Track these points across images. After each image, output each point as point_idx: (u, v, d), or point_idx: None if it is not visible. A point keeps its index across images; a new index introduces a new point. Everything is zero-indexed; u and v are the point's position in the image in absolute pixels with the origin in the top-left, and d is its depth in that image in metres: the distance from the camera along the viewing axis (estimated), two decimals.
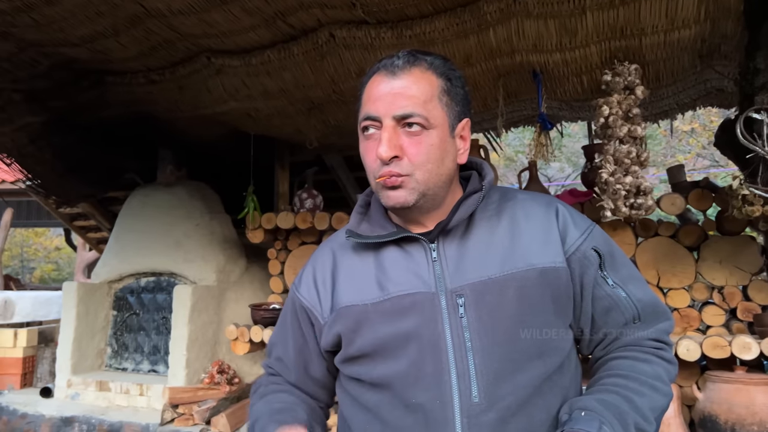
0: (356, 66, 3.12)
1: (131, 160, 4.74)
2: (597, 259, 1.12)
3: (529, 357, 1.04)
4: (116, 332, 4.38)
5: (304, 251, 3.90)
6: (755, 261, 2.99)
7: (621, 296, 1.12)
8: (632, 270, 1.18)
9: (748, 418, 2.55)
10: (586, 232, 1.14)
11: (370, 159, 1.08)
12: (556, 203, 1.18)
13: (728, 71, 2.93)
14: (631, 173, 2.64)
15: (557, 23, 2.68)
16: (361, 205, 1.23)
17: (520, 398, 1.02)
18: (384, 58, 1.11)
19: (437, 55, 1.12)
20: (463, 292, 1.05)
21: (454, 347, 1.03)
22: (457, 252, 1.10)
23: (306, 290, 1.21)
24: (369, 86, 1.09)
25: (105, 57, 3.34)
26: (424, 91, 1.05)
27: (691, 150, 12.19)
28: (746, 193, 2.38)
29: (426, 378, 1.03)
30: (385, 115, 1.04)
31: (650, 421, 1.02)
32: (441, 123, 1.07)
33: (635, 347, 1.13)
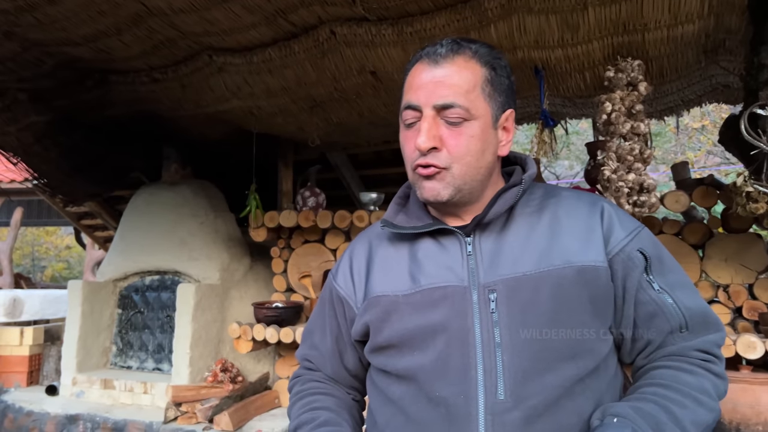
0: (357, 63, 3.11)
1: (137, 158, 4.76)
2: (643, 261, 1.06)
3: (560, 357, 1.00)
4: (121, 330, 4.40)
5: (307, 250, 3.89)
6: (761, 259, 2.95)
7: (667, 302, 1.06)
8: (682, 276, 1.11)
9: (753, 417, 2.52)
10: (633, 233, 1.09)
11: (409, 149, 1.07)
12: (602, 202, 1.13)
13: (733, 67, 2.89)
14: (634, 170, 2.61)
15: (559, 19, 2.65)
16: (400, 196, 1.22)
17: (548, 399, 0.98)
18: (427, 45, 1.10)
19: (482, 43, 1.09)
20: (495, 287, 1.03)
21: (482, 343, 1.01)
22: (494, 246, 1.07)
23: (342, 280, 1.21)
24: (411, 75, 1.08)
25: (108, 56, 3.35)
26: (466, 80, 1.03)
27: (702, 147, 12.08)
28: (750, 190, 2.35)
29: (451, 372, 1.01)
30: (426, 104, 1.03)
31: None
32: (483, 114, 1.05)
33: (680, 357, 1.06)
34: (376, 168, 5.31)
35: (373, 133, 4.16)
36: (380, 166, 5.30)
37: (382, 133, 4.23)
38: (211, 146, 4.64)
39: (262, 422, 3.54)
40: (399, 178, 5.47)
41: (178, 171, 4.56)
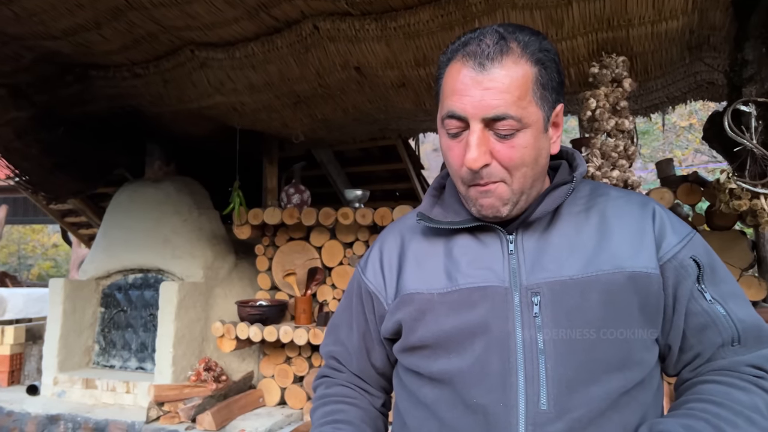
0: (341, 59, 3.08)
1: (120, 155, 4.70)
2: (696, 270, 0.99)
3: (607, 368, 0.94)
4: (104, 329, 4.34)
5: (292, 247, 3.86)
6: (745, 256, 2.95)
7: (719, 313, 0.99)
8: (735, 287, 1.04)
9: None
10: (686, 239, 1.02)
11: (456, 162, 0.98)
12: (653, 204, 1.07)
13: (718, 63, 2.89)
14: (619, 167, 2.60)
15: (543, 14, 2.64)
16: (435, 188, 1.15)
17: (593, 411, 0.92)
18: (468, 35, 0.98)
19: (529, 30, 0.97)
20: (539, 290, 0.96)
21: (524, 348, 0.95)
22: (537, 246, 1.01)
23: (372, 273, 1.14)
24: (451, 72, 0.97)
25: (88, 50, 3.30)
26: (517, 85, 0.92)
27: (689, 146, 12.14)
28: (734, 187, 2.34)
29: (491, 377, 0.95)
30: (473, 116, 0.93)
31: None
32: (535, 120, 0.95)
33: (731, 372, 0.98)
34: (363, 165, 5.28)
35: (358, 129, 4.13)
36: (367, 163, 5.27)
37: (368, 130, 4.20)
38: (195, 143, 4.59)
39: (245, 422, 3.50)
40: (386, 175, 5.48)
41: (162, 168, 4.50)
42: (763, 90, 2.34)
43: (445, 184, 1.15)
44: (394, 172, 5.23)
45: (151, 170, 4.53)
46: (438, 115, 1.01)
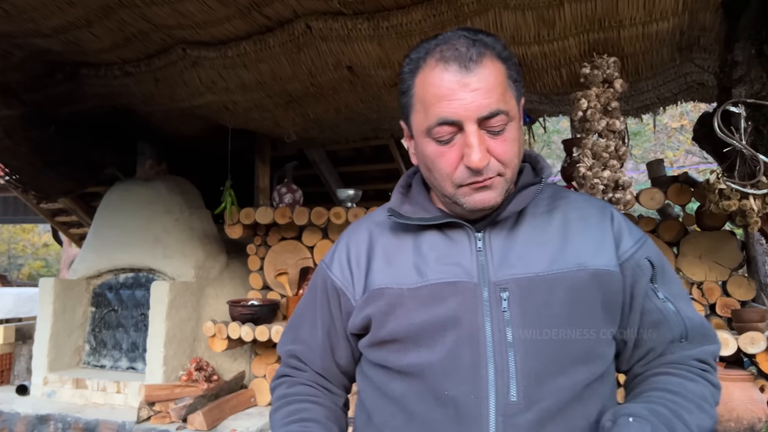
0: (333, 58, 3.07)
1: (112, 154, 4.67)
2: (650, 270, 1.07)
3: (573, 361, 0.99)
4: (94, 329, 4.32)
5: (284, 246, 3.85)
6: (735, 256, 2.97)
7: (671, 311, 1.07)
8: (681, 288, 1.12)
9: (725, 414, 2.53)
10: (641, 241, 1.09)
11: (448, 165, 1.00)
12: (611, 208, 1.14)
13: (708, 64, 2.90)
14: (610, 167, 2.61)
15: (535, 15, 2.64)
16: (403, 185, 1.17)
17: (560, 402, 0.97)
18: (431, 42, 1.01)
19: (485, 33, 1.02)
20: (507, 286, 1.00)
21: (494, 341, 0.98)
22: (504, 244, 1.04)
23: (338, 269, 1.14)
24: (429, 80, 0.98)
25: (78, 48, 3.29)
26: (499, 81, 0.97)
27: (681, 147, 12.21)
28: (723, 187, 2.36)
29: (462, 370, 0.97)
30: (468, 118, 0.95)
31: None
32: (515, 112, 1.01)
33: (681, 365, 1.07)
34: (355, 165, 5.28)
35: (351, 129, 4.13)
36: (359, 163, 5.27)
37: (361, 130, 4.20)
38: (187, 142, 4.58)
39: (236, 422, 3.49)
40: (379, 174, 5.48)
41: (153, 167, 4.49)
42: (753, 91, 2.35)
43: (411, 182, 1.18)
44: (386, 171, 5.23)
45: (142, 169, 4.52)
46: (417, 125, 1.02)
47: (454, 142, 0.98)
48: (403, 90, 1.04)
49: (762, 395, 2.59)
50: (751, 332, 2.54)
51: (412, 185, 1.17)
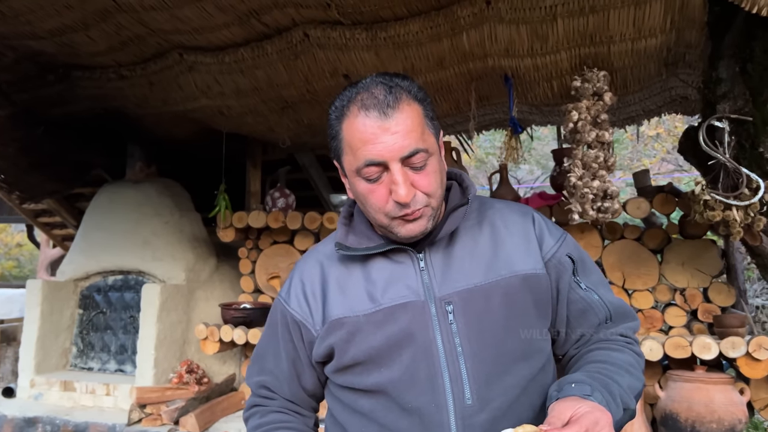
0: (330, 66, 3.12)
1: (99, 156, 4.65)
2: (571, 265, 1.19)
3: (515, 359, 1.10)
4: (82, 331, 4.30)
5: (276, 250, 3.89)
6: (716, 264, 3.09)
7: (594, 299, 1.19)
8: (600, 275, 1.26)
9: (707, 416, 2.63)
10: (560, 240, 1.21)
11: (379, 201, 1.08)
12: (531, 211, 1.25)
13: (692, 80, 3.02)
14: (599, 177, 2.70)
15: (529, 29, 2.72)
16: (345, 216, 1.26)
17: (509, 399, 1.08)
18: (351, 90, 1.09)
19: (401, 77, 1.11)
20: (451, 300, 1.10)
21: (445, 352, 1.08)
22: (443, 260, 1.14)
23: (296, 304, 1.22)
24: (353, 126, 1.06)
25: (73, 51, 3.29)
26: (417, 123, 1.06)
27: (656, 154, 12.45)
28: (708, 198, 2.46)
29: (420, 383, 1.07)
30: (392, 159, 1.04)
31: (630, 398, 1.07)
32: (434, 147, 1.10)
33: (608, 341, 1.19)
34: None
35: None
36: None
37: None
38: (177, 145, 4.58)
39: (228, 424, 3.52)
40: None
41: (143, 169, 4.49)
42: (736, 107, 2.46)
43: (353, 212, 1.26)
44: None
45: (131, 172, 4.51)
46: (348, 166, 1.11)
47: (382, 179, 1.06)
48: (332, 135, 1.12)
49: (741, 397, 2.70)
50: (731, 337, 2.66)
51: (354, 216, 1.25)
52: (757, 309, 6.83)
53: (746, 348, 2.62)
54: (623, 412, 1.03)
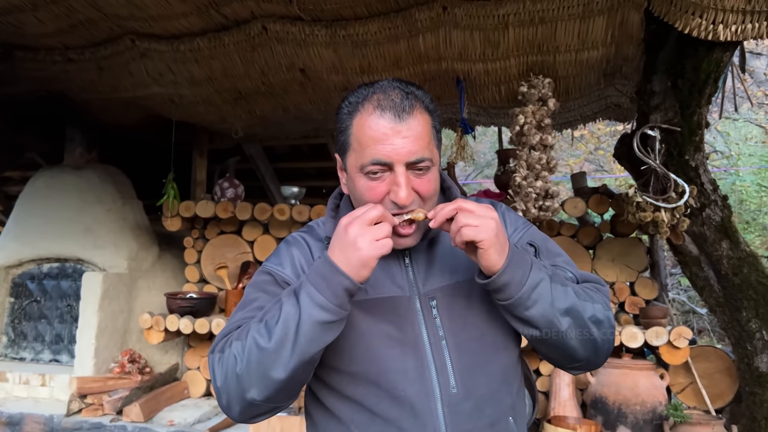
0: (287, 60, 3.17)
1: (34, 138, 4.48)
2: (533, 251, 1.24)
3: (497, 349, 1.18)
4: (13, 320, 4.15)
5: (224, 240, 3.89)
6: (642, 260, 3.36)
7: (558, 272, 1.19)
8: (568, 258, 1.29)
9: (632, 399, 2.89)
10: (523, 230, 1.28)
11: (376, 197, 1.10)
12: (498, 206, 1.31)
13: (627, 90, 3.26)
14: (542, 178, 2.89)
15: (482, 35, 2.87)
16: (332, 209, 1.28)
17: (492, 387, 1.15)
18: (367, 89, 1.12)
19: (415, 86, 1.15)
20: (434, 295, 1.16)
21: (431, 345, 1.13)
22: (426, 257, 1.21)
23: (291, 270, 1.21)
24: (366, 123, 1.09)
25: (17, 31, 3.18)
26: (426, 132, 1.10)
27: (580, 155, 13.05)
28: (640, 200, 2.69)
29: (410, 373, 1.12)
30: (398, 161, 1.07)
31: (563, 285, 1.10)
32: (437, 158, 1.15)
33: None
34: (292, 161, 5.35)
35: (296, 127, 4.22)
36: (296, 159, 5.34)
37: (303, 128, 4.30)
38: (120, 131, 4.47)
39: (172, 413, 3.51)
40: (315, 172, 5.57)
41: (83, 155, 4.35)
42: (667, 118, 2.71)
43: (339, 203, 1.29)
44: (322, 169, 5.34)
45: (71, 157, 4.37)
46: (352, 162, 1.13)
47: (383, 178, 1.10)
48: (341, 129, 1.15)
49: (662, 382, 2.97)
50: (655, 327, 2.91)
51: (341, 207, 1.27)
52: (671, 302, 7.36)
53: (668, 337, 2.88)
54: (549, 278, 1.07)
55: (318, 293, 1.00)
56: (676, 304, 8.98)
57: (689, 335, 2.89)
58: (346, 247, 1.00)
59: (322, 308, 0.99)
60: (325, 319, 1.00)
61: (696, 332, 8.60)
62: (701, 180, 2.76)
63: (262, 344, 1.01)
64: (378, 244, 0.99)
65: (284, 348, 1.00)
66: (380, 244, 1.00)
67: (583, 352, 1.14)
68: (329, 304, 0.99)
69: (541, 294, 1.06)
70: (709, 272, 2.91)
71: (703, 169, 2.79)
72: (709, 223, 2.79)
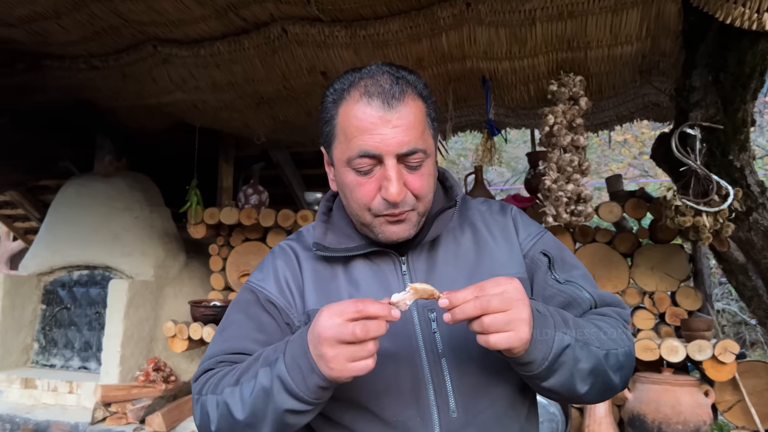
0: (308, 62, 3.10)
1: (67, 147, 4.54)
2: (546, 261, 1.12)
3: (502, 369, 1.03)
4: (45, 327, 4.19)
5: (248, 248, 3.84)
6: (683, 268, 3.15)
7: (574, 291, 1.10)
8: (584, 270, 1.17)
9: (673, 417, 2.69)
10: (537, 237, 1.15)
11: (366, 196, 1.01)
12: (510, 209, 1.19)
13: (665, 87, 3.07)
14: (573, 181, 2.73)
15: (508, 32, 2.74)
16: (324, 212, 1.18)
17: (497, 411, 1.02)
18: (354, 74, 1.02)
19: (407, 70, 1.04)
20: (434, 307, 1.03)
21: (429, 363, 1.01)
22: (426, 265, 1.08)
23: (276, 288, 1.11)
24: (351, 112, 0.98)
25: (43, 39, 3.20)
26: (419, 121, 1.00)
27: (624, 160, 12.69)
28: (679, 204, 2.51)
29: (404, 395, 1.00)
30: (388, 153, 0.97)
31: (591, 340, 0.97)
32: (432, 148, 1.04)
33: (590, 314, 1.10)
34: (319, 168, 5.27)
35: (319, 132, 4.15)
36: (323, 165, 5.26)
37: None
38: (148, 138, 4.49)
39: None
40: None
41: (113, 162, 4.39)
42: (708, 115, 2.52)
43: (331, 206, 1.19)
44: None
45: (100, 165, 4.41)
46: (338, 154, 1.03)
47: (373, 173, 0.99)
48: (326, 119, 1.04)
49: (707, 399, 2.77)
50: (698, 340, 2.72)
51: (333, 211, 1.17)
52: (718, 313, 7.02)
53: (712, 351, 2.68)
54: (574, 340, 0.93)
55: (292, 382, 0.90)
56: (726, 314, 8.57)
57: (736, 349, 2.68)
58: (318, 357, 0.87)
59: (295, 398, 0.90)
60: (298, 408, 0.91)
61: (748, 345, 8.17)
62: (747, 182, 2.55)
63: (235, 415, 0.95)
64: (354, 367, 0.85)
65: (257, 425, 0.94)
66: (357, 367, 0.86)
67: (597, 398, 1.02)
68: (302, 395, 0.90)
69: (563, 363, 0.93)
70: (757, 281, 2.70)
71: (749, 170, 2.58)
72: (757, 228, 2.58)
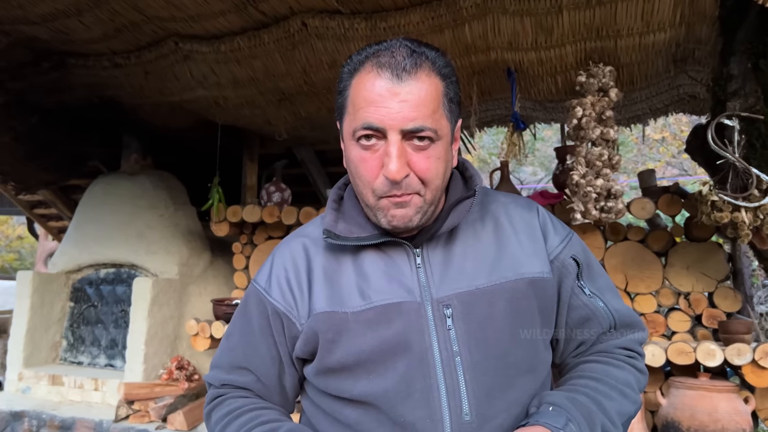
0: (328, 57, 3.04)
1: (95, 147, 4.58)
2: (575, 268, 1.07)
3: (520, 372, 0.99)
4: (72, 324, 4.23)
5: (271, 246, 3.80)
6: (721, 268, 2.99)
7: (599, 306, 1.08)
8: (608, 280, 1.14)
9: (710, 425, 2.54)
10: (566, 239, 1.10)
11: (369, 173, 0.96)
12: (536, 206, 1.14)
13: (701, 77, 2.93)
14: (603, 176, 2.61)
15: (533, 21, 2.64)
16: (335, 200, 1.12)
17: (513, 416, 0.97)
18: (374, 47, 0.97)
19: (432, 47, 0.99)
20: (450, 303, 0.98)
21: (442, 362, 0.96)
22: (442, 258, 1.02)
23: (279, 293, 1.07)
24: (362, 83, 0.95)
25: (67, 37, 3.21)
26: (432, 98, 0.94)
27: (661, 158, 12.36)
28: (715, 199, 2.37)
29: (415, 395, 0.95)
30: (392, 128, 0.92)
31: (617, 426, 0.97)
32: (446, 132, 0.98)
33: (608, 353, 1.09)
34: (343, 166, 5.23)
35: None
36: None
37: None
38: (173, 137, 4.51)
39: None
40: None
41: (138, 161, 4.41)
42: (747, 105, 2.37)
43: (343, 195, 1.13)
44: None
45: (127, 163, 4.44)
46: (346, 127, 0.99)
47: (377, 149, 0.95)
48: (340, 89, 1.01)
49: (746, 406, 2.61)
50: (737, 344, 2.56)
51: (344, 199, 1.12)
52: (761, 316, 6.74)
53: (752, 355, 2.52)
54: None
55: None
56: None
57: None
58: None
59: None
60: None
61: None
62: None
63: None
64: None
65: None
66: None
67: None
68: None
69: None
70: None
71: None
72: None
